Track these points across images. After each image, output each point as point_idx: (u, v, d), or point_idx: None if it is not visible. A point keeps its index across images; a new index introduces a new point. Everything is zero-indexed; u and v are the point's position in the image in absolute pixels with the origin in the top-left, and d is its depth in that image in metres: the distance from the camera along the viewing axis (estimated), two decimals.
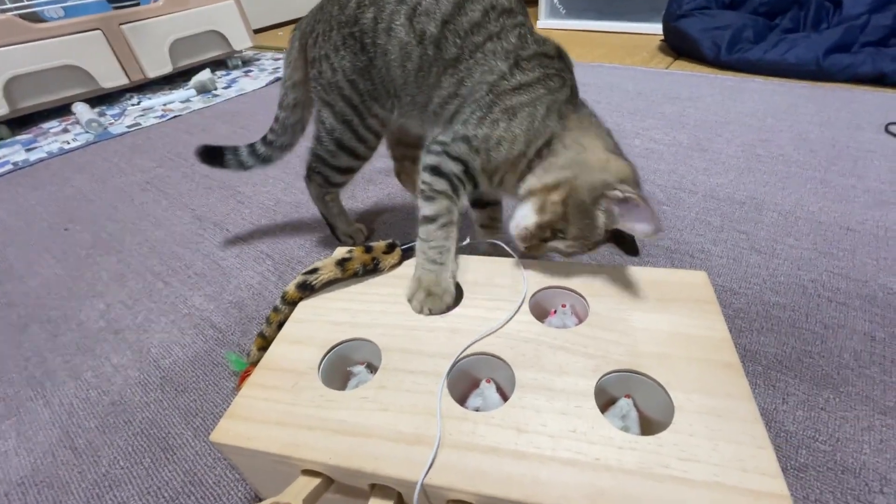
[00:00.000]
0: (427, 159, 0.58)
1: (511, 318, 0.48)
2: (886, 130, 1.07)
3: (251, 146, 0.82)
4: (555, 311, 0.51)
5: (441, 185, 0.56)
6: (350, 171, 0.76)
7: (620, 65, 1.70)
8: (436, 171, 0.56)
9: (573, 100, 0.57)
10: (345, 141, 0.70)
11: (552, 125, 0.54)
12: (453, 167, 0.56)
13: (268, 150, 0.82)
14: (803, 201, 0.86)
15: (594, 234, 0.50)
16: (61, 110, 1.66)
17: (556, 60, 0.57)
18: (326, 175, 0.75)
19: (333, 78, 0.67)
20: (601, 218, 0.49)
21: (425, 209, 0.56)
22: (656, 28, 1.90)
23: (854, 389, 0.53)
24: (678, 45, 1.74)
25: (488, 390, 0.44)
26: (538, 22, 2.36)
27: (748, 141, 1.09)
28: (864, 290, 0.66)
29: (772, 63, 1.47)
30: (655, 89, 1.44)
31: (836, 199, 0.86)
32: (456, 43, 0.57)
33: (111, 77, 1.69)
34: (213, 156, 0.82)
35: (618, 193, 0.47)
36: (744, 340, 0.60)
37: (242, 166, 0.82)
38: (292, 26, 0.74)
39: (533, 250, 0.54)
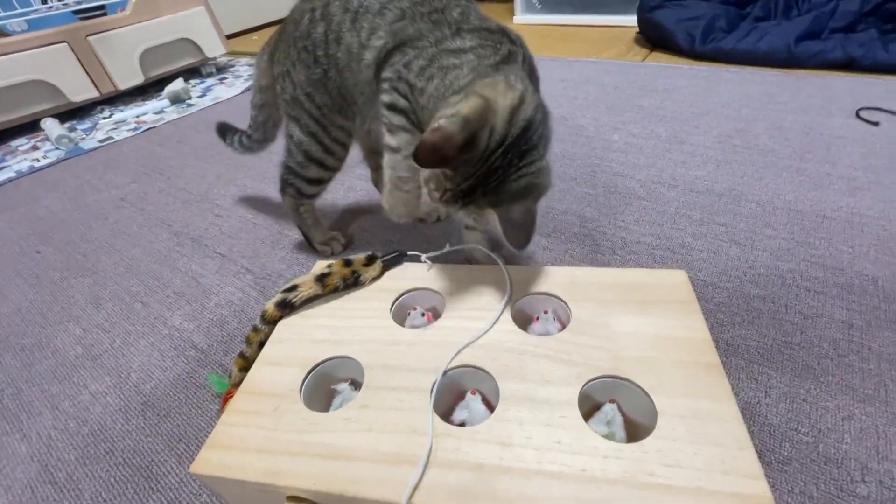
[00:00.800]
0: (382, 97, 0.60)
1: (491, 328, 0.48)
2: (857, 116, 1.09)
3: (241, 135, 0.93)
4: (537, 318, 0.51)
5: (398, 119, 0.58)
6: (320, 182, 0.78)
7: (597, 59, 1.70)
8: (392, 107, 0.59)
9: (504, 63, 0.55)
10: (312, 153, 0.72)
11: (466, 83, 0.53)
12: (404, 103, 0.58)
13: (249, 142, 0.91)
14: (780, 191, 0.87)
15: (438, 178, 0.49)
16: (30, 127, 1.61)
17: (496, 35, 0.57)
18: (298, 187, 0.77)
19: (294, 93, 0.69)
20: None
21: (389, 140, 0.60)
22: (631, 20, 1.91)
23: (834, 379, 0.54)
24: (653, 37, 1.75)
25: (474, 402, 0.44)
26: (514, 17, 2.35)
27: (725, 132, 1.10)
28: (841, 279, 0.67)
29: (745, 52, 1.48)
30: (632, 82, 1.44)
31: (811, 187, 0.87)
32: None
33: (80, 90, 1.64)
34: (223, 132, 0.96)
35: (433, 125, 0.45)
36: (726, 335, 0.61)
37: (235, 150, 0.94)
38: (266, 30, 0.75)
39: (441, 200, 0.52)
